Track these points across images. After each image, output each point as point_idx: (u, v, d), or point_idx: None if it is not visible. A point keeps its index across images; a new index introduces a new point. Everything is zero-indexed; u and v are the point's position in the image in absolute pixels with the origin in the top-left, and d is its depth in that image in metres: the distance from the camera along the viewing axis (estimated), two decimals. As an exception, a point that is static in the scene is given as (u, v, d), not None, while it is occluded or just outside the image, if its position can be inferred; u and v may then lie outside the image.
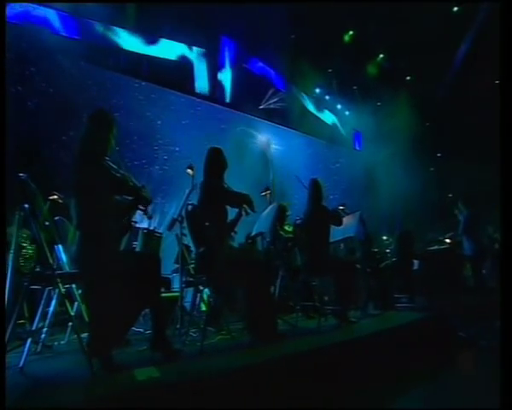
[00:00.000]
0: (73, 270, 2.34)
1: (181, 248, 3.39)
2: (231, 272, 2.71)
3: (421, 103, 9.75)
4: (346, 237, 3.99)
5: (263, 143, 8.75)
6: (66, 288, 2.34)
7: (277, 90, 9.28)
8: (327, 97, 10.69)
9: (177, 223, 3.27)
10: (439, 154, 11.17)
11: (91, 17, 6.38)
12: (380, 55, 10.53)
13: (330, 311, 3.67)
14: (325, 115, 10.77)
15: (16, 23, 5.49)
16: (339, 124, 11.10)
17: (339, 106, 11.02)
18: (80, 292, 2.62)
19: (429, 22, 8.49)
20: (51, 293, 2.59)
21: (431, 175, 10.75)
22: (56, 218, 2.71)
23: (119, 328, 2.23)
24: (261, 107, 8.90)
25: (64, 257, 2.52)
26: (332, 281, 3.55)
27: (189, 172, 3.48)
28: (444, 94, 10.55)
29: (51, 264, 2.19)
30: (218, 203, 2.87)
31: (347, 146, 11.20)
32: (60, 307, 2.55)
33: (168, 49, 7.49)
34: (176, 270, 4.45)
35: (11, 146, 3.75)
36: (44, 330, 2.64)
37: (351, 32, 9.94)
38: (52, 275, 2.18)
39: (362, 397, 2.28)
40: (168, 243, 4.22)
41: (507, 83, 2.07)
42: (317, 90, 10.41)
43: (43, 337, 2.68)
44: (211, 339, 2.97)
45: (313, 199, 3.74)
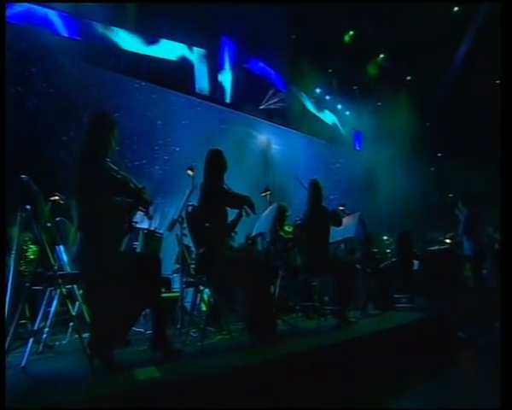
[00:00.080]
0: (74, 270, 2.35)
1: (181, 248, 3.40)
2: (231, 273, 2.71)
3: (421, 103, 9.74)
4: (346, 238, 3.99)
5: (263, 144, 8.75)
6: (67, 288, 2.35)
7: (278, 90, 9.28)
8: (327, 97, 10.68)
9: (178, 223, 3.28)
10: (440, 154, 11.18)
11: (91, 17, 6.38)
12: (380, 55, 10.52)
13: (330, 311, 3.68)
14: (325, 115, 10.76)
15: (16, 23, 5.49)
16: (339, 124, 11.09)
17: (339, 106, 11.02)
18: (81, 292, 2.63)
19: (429, 22, 8.49)
20: (53, 293, 2.61)
21: (431, 175, 10.75)
22: (57, 219, 2.72)
23: (120, 328, 2.24)
24: (261, 107, 8.89)
25: (65, 258, 2.53)
26: (332, 281, 3.55)
27: (190, 173, 3.50)
28: (444, 94, 10.55)
29: (53, 265, 2.20)
30: (218, 204, 2.88)
31: (347, 146, 11.19)
32: (61, 308, 2.57)
33: (168, 49, 7.49)
34: (176, 270, 4.46)
35: (11, 146, 3.75)
36: (46, 330, 2.66)
37: (351, 32, 9.94)
38: (53, 276, 2.19)
39: (361, 397, 2.28)
40: (168, 244, 4.23)
41: (507, 83, 2.07)
42: (318, 90, 10.40)
43: (44, 337, 2.70)
44: (211, 339, 2.98)
45: (313, 199, 3.75)
